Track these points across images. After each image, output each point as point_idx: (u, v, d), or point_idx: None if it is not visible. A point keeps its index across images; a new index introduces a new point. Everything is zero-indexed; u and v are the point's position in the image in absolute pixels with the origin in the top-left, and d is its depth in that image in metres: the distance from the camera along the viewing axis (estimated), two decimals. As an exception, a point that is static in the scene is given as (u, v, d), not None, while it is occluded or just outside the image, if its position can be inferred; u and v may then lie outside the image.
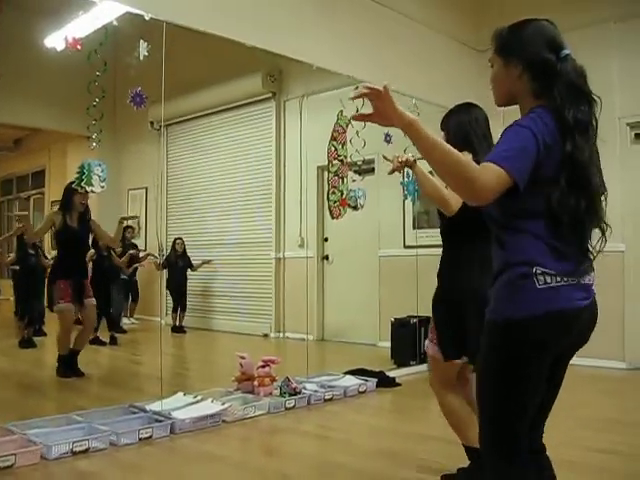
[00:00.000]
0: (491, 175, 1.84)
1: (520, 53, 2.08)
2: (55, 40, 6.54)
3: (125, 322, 9.87)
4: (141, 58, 4.62)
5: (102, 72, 4.57)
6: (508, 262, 1.96)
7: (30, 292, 8.90)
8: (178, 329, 9.84)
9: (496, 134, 2.29)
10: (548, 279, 1.88)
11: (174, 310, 10.02)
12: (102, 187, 4.65)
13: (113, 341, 8.71)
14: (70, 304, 6.40)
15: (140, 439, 4.19)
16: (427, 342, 3.60)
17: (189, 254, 10.36)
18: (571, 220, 1.91)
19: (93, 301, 6.69)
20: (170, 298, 10.19)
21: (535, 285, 1.88)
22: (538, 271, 1.88)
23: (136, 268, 9.90)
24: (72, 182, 5.53)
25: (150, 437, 4.24)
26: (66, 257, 6.49)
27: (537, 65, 2.04)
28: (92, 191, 4.60)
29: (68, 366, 6.42)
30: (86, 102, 4.66)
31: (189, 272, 10.35)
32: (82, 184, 4.59)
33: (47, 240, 11.25)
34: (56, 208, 6.83)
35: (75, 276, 6.45)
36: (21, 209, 15.89)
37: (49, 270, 7.52)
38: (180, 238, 10.39)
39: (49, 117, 11.28)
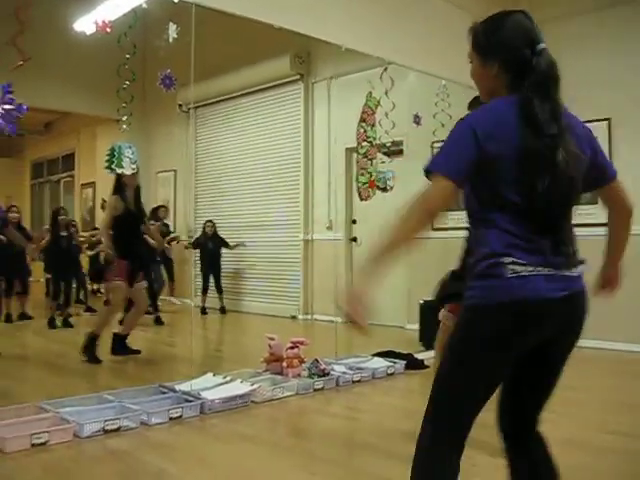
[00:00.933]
0: (432, 188, 2.08)
1: (496, 52, 2.10)
2: (85, 24, 6.58)
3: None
4: (170, 41, 4.63)
5: (132, 55, 4.60)
6: (479, 253, 1.98)
7: (62, 273, 9.03)
8: (217, 310, 9.98)
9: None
10: (518, 268, 1.87)
11: (203, 292, 10.09)
12: (133, 169, 4.70)
13: (159, 322, 8.89)
14: (123, 282, 6.43)
15: (170, 419, 4.24)
16: (445, 313, 4.03)
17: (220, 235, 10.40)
18: (534, 208, 1.90)
19: (145, 284, 6.82)
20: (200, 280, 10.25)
21: (504, 274, 1.88)
22: (507, 261, 1.88)
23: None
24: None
25: (180, 417, 4.29)
26: (124, 238, 6.45)
27: (512, 62, 2.06)
28: (122, 173, 4.64)
29: (120, 346, 6.56)
30: (116, 85, 4.69)
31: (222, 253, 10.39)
32: (112, 166, 4.63)
33: (79, 219, 11.40)
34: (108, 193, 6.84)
35: (132, 258, 6.50)
36: (52, 192, 16.09)
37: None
38: (210, 220, 10.42)
39: (79, 100, 11.37)
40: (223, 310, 10.00)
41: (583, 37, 7.34)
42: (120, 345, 6.59)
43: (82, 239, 10.08)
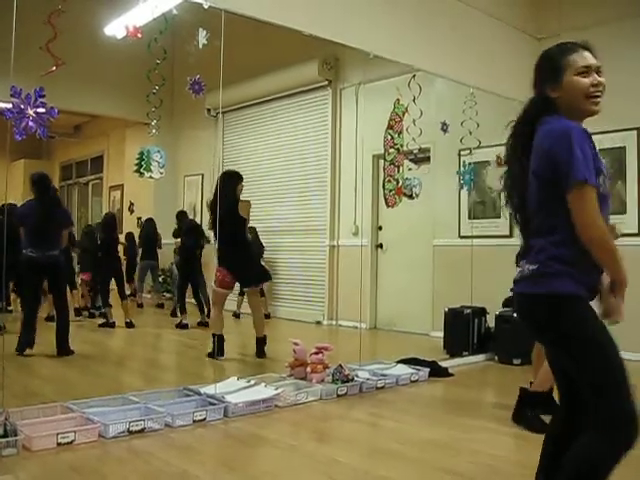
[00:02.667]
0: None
1: None
2: (115, 28, 6.65)
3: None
4: (200, 46, 4.67)
5: (162, 60, 4.65)
6: None
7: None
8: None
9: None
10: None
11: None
12: (161, 173, 4.73)
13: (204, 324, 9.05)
14: (225, 290, 6.92)
15: (194, 421, 4.27)
16: None
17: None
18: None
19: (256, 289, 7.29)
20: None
21: None
22: None
23: None
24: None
25: (204, 420, 4.31)
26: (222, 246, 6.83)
27: None
28: (151, 177, 4.68)
29: (218, 348, 6.71)
30: (145, 89, 4.74)
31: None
32: (141, 170, 4.67)
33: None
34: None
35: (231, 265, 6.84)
36: (80, 194, 16.25)
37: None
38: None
39: (108, 104, 11.50)
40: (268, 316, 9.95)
41: (611, 46, 7.29)
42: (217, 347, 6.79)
43: None
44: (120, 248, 9.64)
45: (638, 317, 4.28)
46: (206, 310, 9.24)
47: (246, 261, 6.99)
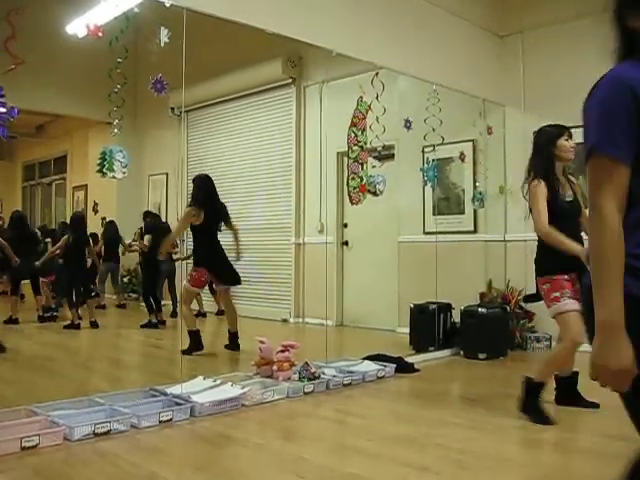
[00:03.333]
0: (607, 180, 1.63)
1: None
2: (76, 27, 6.58)
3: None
4: (162, 45, 4.64)
5: (123, 59, 4.60)
6: None
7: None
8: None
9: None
10: None
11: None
12: (124, 173, 4.69)
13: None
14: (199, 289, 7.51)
15: (160, 422, 4.25)
16: (568, 300, 4.22)
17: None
18: None
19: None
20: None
21: None
22: None
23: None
24: (200, 175, 7.37)
25: (170, 420, 4.29)
26: (203, 247, 7.18)
27: None
28: (114, 177, 4.64)
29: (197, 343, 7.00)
30: (107, 88, 4.69)
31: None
32: (104, 170, 4.63)
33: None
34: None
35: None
36: (43, 194, 16.07)
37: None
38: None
39: (71, 103, 11.39)
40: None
41: (572, 43, 7.39)
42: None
43: None
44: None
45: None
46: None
47: (225, 261, 7.28)
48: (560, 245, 4.20)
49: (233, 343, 7.23)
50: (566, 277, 4.29)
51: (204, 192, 7.20)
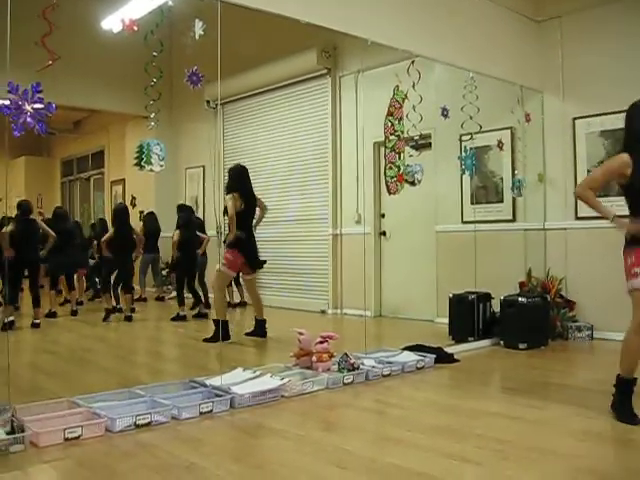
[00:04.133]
0: None
1: None
2: (112, 22, 6.65)
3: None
4: (197, 37, 4.65)
5: (159, 52, 4.62)
6: None
7: None
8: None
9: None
10: None
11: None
12: (161, 166, 4.71)
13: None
14: (234, 272, 7.74)
15: (201, 413, 4.27)
16: None
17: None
18: None
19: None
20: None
21: None
22: None
23: None
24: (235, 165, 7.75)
25: (210, 411, 4.32)
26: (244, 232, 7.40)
27: None
28: (151, 170, 4.66)
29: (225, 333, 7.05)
30: (143, 82, 4.71)
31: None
32: (142, 163, 4.66)
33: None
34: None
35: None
36: (82, 189, 16.29)
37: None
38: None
39: (107, 98, 11.50)
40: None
41: (612, 27, 7.26)
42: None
43: None
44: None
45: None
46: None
47: (255, 246, 7.59)
48: (591, 206, 4.25)
49: (261, 330, 7.47)
50: None
51: (240, 180, 7.47)
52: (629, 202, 4.22)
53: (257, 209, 7.70)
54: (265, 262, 7.79)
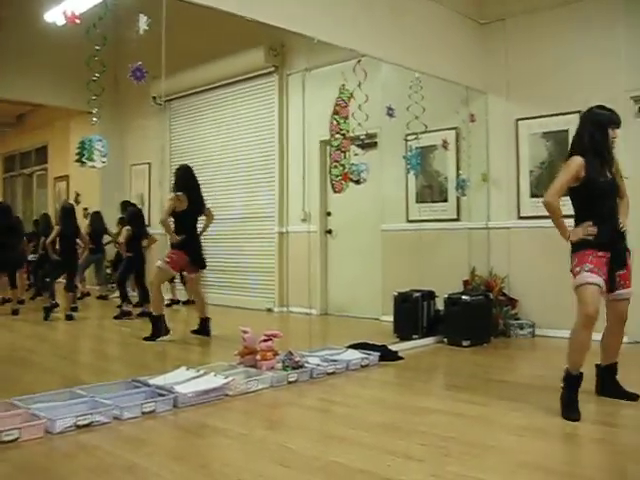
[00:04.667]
0: None
1: None
2: (55, 15, 6.52)
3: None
4: (141, 32, 4.59)
5: (102, 47, 4.54)
6: None
7: None
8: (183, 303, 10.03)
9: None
10: None
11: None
12: (103, 162, 4.64)
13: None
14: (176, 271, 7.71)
15: (143, 413, 4.22)
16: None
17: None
18: None
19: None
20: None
21: None
22: None
23: None
24: (182, 165, 7.63)
25: (153, 411, 4.27)
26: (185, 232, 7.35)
27: None
28: (93, 166, 4.59)
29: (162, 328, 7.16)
30: (87, 77, 4.64)
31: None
32: (83, 159, 4.58)
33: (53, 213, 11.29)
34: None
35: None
36: (24, 185, 15.97)
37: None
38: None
39: (51, 92, 11.29)
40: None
41: (553, 31, 7.41)
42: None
43: None
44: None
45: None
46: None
47: (199, 246, 7.57)
48: (556, 218, 4.28)
49: (204, 329, 7.41)
50: (600, 253, 4.23)
51: (187, 180, 7.45)
52: (577, 205, 4.34)
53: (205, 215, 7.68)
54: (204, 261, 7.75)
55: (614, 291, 4.34)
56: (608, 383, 4.60)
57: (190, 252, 7.33)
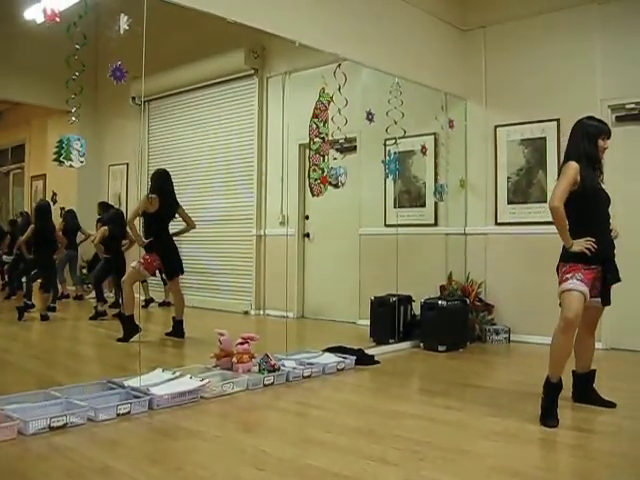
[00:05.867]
0: None
1: None
2: (35, 12, 6.46)
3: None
4: (121, 32, 4.56)
5: (81, 45, 4.51)
6: None
7: None
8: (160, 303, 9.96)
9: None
10: None
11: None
12: (81, 162, 4.60)
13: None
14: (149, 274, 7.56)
15: (118, 415, 4.20)
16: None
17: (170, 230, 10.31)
18: None
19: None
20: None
21: None
22: None
23: None
24: (157, 169, 7.61)
25: (128, 413, 4.25)
26: (155, 234, 7.40)
27: None
28: (71, 166, 4.56)
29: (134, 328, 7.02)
30: (66, 76, 4.60)
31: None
32: (61, 159, 4.54)
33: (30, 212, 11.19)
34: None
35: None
36: (0, 184, 15.82)
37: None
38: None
39: (29, 91, 11.19)
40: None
41: (532, 39, 7.48)
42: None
43: None
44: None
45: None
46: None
47: (175, 250, 7.58)
48: (560, 224, 4.27)
49: (178, 330, 7.42)
50: (592, 267, 4.28)
51: (162, 183, 7.48)
52: (574, 215, 4.33)
53: (185, 223, 7.79)
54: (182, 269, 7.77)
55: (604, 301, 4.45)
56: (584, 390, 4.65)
57: (162, 256, 7.33)
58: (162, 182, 7.49)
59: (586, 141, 4.38)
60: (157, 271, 7.70)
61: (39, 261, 9.06)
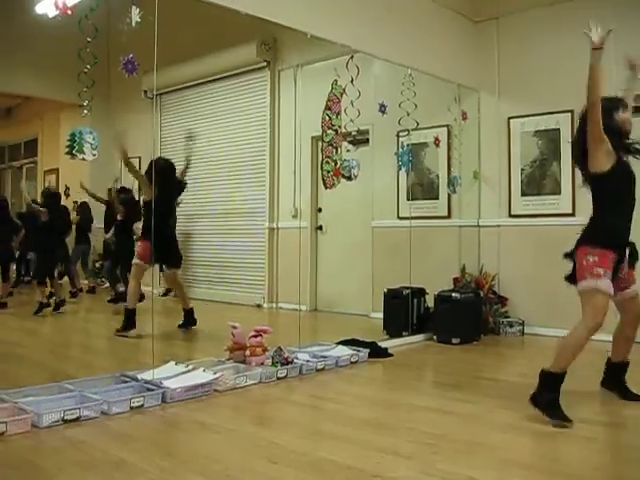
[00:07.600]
0: None
1: None
2: (46, 6, 6.46)
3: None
4: (133, 24, 4.55)
5: (93, 38, 4.50)
6: None
7: None
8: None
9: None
10: None
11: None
12: (94, 155, 4.61)
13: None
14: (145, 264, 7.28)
15: (131, 408, 4.20)
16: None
17: (183, 223, 10.30)
18: None
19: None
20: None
21: None
22: None
23: None
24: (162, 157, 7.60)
25: (141, 406, 4.25)
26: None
27: None
28: (83, 159, 4.56)
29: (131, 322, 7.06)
30: (78, 70, 4.60)
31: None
32: (74, 152, 4.54)
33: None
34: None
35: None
36: (13, 179, 15.88)
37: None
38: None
39: (41, 85, 11.21)
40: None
41: (546, 29, 7.41)
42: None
43: None
44: None
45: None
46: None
47: (170, 243, 7.49)
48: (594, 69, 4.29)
49: (190, 319, 7.49)
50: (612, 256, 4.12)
51: (155, 174, 7.16)
52: (599, 196, 4.23)
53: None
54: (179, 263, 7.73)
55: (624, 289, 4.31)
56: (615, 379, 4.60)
57: (156, 245, 6.98)
58: (157, 172, 7.11)
59: (604, 118, 4.17)
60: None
61: (51, 247, 9.06)
